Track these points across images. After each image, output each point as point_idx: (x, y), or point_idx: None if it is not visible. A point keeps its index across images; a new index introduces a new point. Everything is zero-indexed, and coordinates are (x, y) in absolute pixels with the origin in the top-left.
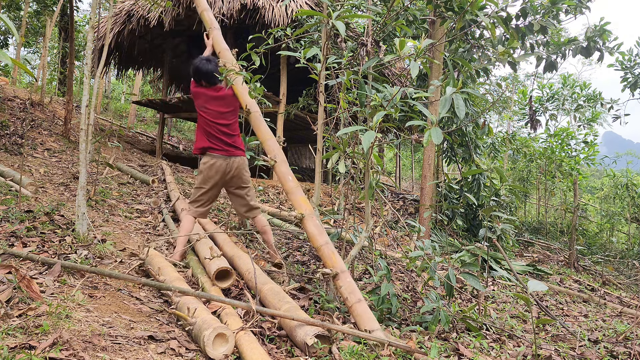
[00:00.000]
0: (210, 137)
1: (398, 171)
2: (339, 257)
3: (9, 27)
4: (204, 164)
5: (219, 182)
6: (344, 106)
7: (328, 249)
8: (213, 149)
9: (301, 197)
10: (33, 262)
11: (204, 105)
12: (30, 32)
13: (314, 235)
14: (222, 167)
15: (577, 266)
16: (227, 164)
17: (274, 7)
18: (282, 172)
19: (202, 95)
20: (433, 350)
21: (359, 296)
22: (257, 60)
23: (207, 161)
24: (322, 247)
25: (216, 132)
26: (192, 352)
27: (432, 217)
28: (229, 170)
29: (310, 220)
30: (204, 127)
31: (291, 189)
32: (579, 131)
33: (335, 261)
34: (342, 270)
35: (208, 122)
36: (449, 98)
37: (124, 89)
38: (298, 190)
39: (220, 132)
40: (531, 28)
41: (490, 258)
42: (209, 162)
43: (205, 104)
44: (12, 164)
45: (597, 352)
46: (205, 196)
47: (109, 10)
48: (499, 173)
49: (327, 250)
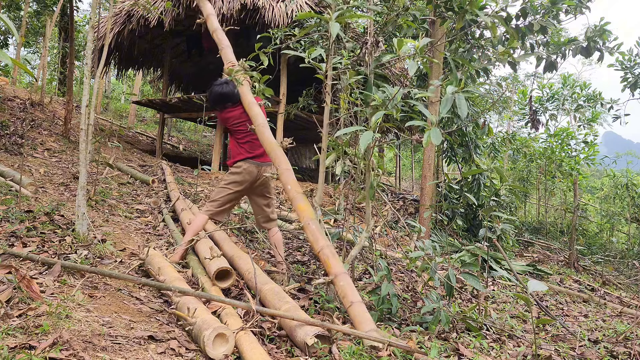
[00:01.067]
0: (249, 146)
1: (398, 171)
2: (336, 259)
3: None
4: (238, 167)
5: (247, 187)
6: (345, 107)
7: (324, 254)
8: (252, 157)
9: (302, 204)
10: (33, 262)
11: (237, 122)
12: (30, 32)
13: (312, 242)
14: (254, 173)
15: (577, 266)
16: (259, 171)
17: (274, 7)
18: (285, 180)
19: (231, 117)
20: (433, 350)
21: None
22: (266, 60)
23: (241, 165)
24: (319, 253)
25: (254, 141)
26: (192, 352)
27: (432, 217)
28: (260, 177)
29: (309, 226)
30: (245, 139)
31: (292, 196)
32: (579, 131)
33: (331, 265)
34: (339, 273)
35: (245, 134)
36: (451, 98)
37: (124, 89)
38: (299, 197)
39: (254, 142)
40: (531, 28)
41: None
42: (243, 166)
43: (237, 120)
44: (12, 164)
45: (597, 352)
46: (230, 198)
47: (109, 10)
48: (499, 173)
49: (322, 256)
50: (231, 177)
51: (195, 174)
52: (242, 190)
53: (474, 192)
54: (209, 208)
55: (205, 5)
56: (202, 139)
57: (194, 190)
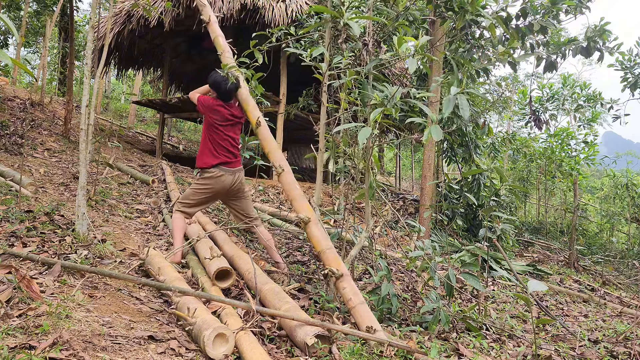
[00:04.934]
0: (222, 150)
1: (398, 171)
2: (338, 260)
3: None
4: (211, 174)
5: (220, 194)
6: (345, 106)
7: (327, 255)
8: (225, 163)
9: (304, 204)
10: (33, 262)
11: (222, 120)
12: (30, 32)
13: (318, 240)
14: (228, 181)
15: (577, 266)
16: (233, 178)
17: (274, 7)
18: (287, 182)
19: (220, 111)
20: (433, 350)
21: (362, 299)
22: (260, 57)
23: (214, 172)
24: (322, 253)
25: (228, 145)
26: (192, 352)
27: (432, 217)
28: (234, 184)
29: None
30: (218, 140)
31: (295, 197)
32: (579, 131)
33: (340, 265)
34: (346, 273)
35: (223, 135)
36: (453, 98)
37: (124, 89)
38: (302, 199)
39: (232, 145)
40: (531, 28)
41: (490, 258)
42: (217, 174)
43: (224, 121)
44: (12, 164)
45: (597, 352)
46: (202, 201)
47: (109, 10)
48: (499, 173)
49: (331, 254)
50: (205, 182)
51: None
52: (217, 195)
53: (474, 192)
54: (180, 207)
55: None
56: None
57: None
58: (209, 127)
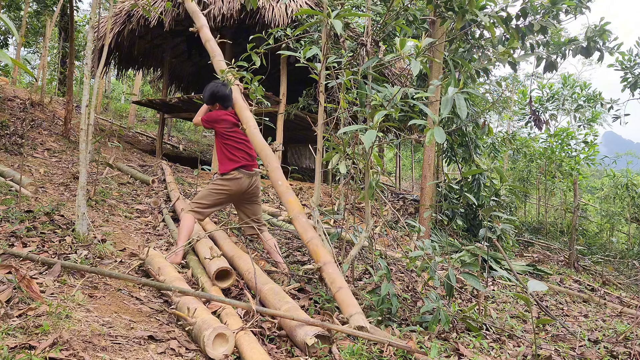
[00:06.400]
0: (240, 153)
1: (398, 171)
2: (322, 249)
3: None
4: (232, 175)
5: (235, 196)
6: (344, 106)
7: (312, 244)
8: (244, 166)
9: (291, 198)
10: (33, 262)
11: (230, 126)
12: (30, 32)
13: (301, 233)
14: (245, 184)
15: (577, 266)
16: (250, 181)
17: (273, 7)
18: (274, 178)
19: (225, 119)
20: (433, 350)
21: (341, 284)
22: (258, 60)
23: (235, 174)
24: (308, 243)
25: (245, 148)
26: (192, 352)
27: (432, 217)
28: (250, 187)
29: (298, 219)
30: (234, 145)
31: (281, 192)
32: (579, 131)
33: (320, 254)
34: (327, 262)
35: (237, 139)
36: (451, 98)
37: (124, 89)
38: (288, 192)
39: (248, 147)
40: (531, 28)
41: (490, 258)
42: (237, 176)
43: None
44: (12, 164)
45: (597, 352)
46: (218, 202)
47: (109, 10)
48: (499, 173)
49: (311, 246)
50: (224, 184)
51: (195, 174)
52: (232, 197)
53: (474, 192)
54: (194, 209)
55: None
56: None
57: (194, 190)
58: (221, 137)
